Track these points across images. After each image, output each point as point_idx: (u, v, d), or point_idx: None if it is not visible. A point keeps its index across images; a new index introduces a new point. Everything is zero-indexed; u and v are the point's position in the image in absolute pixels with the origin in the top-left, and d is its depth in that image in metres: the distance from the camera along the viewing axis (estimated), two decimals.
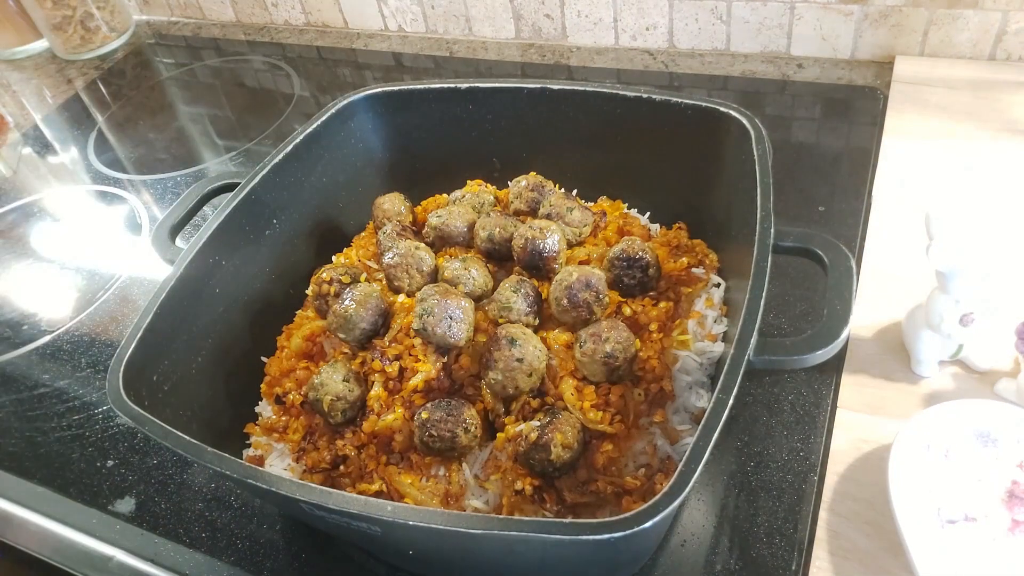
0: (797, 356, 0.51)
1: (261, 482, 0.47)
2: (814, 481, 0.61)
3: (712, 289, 0.67)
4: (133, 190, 1.14)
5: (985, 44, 0.98)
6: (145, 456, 0.74)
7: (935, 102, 0.94)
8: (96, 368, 0.85)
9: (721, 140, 0.67)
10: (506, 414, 0.60)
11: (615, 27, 1.17)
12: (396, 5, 1.32)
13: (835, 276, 0.55)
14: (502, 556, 0.52)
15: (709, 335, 0.64)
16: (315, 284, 0.71)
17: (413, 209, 0.80)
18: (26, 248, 1.08)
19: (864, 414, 0.63)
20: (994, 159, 0.84)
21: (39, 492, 0.73)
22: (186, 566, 0.64)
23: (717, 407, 0.45)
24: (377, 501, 0.45)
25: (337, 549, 0.64)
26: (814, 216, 0.85)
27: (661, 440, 0.58)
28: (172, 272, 0.64)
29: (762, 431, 0.65)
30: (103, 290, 0.96)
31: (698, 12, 1.10)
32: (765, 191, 0.58)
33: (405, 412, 0.60)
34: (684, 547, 0.59)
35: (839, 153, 0.95)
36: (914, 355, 0.65)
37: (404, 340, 0.63)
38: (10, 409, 0.82)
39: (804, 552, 0.56)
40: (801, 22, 1.06)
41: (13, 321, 0.95)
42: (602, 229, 0.74)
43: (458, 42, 1.31)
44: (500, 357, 0.58)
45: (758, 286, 0.52)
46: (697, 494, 0.62)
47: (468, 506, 0.57)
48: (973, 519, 0.53)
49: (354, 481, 0.60)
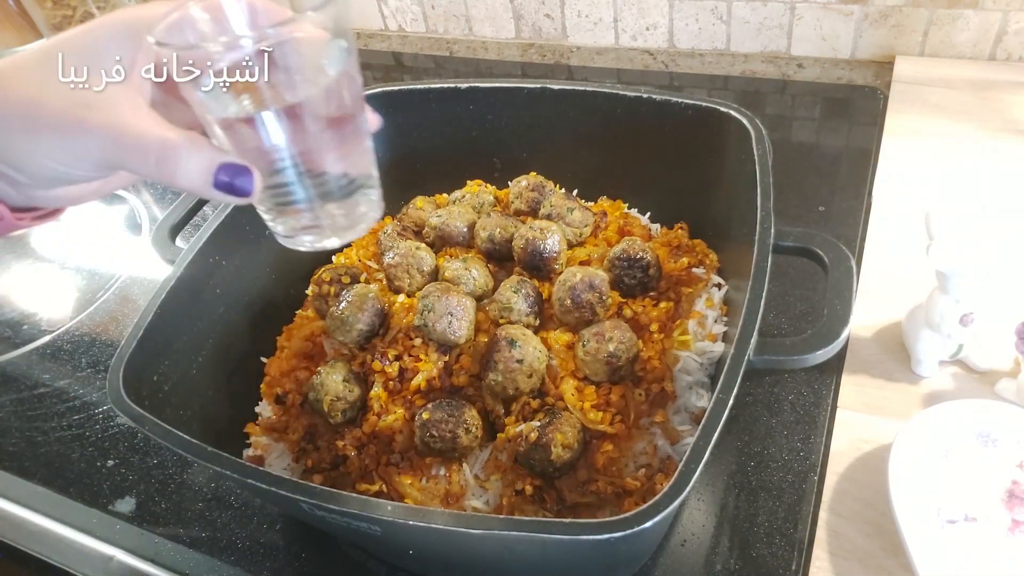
0: (797, 356, 0.51)
1: (261, 482, 0.47)
2: (814, 481, 0.61)
3: (712, 289, 0.67)
4: (133, 190, 1.14)
5: (985, 44, 0.98)
6: (145, 456, 0.74)
7: (935, 102, 0.94)
8: (96, 368, 0.85)
9: (721, 140, 0.67)
10: (506, 415, 0.60)
11: (615, 27, 1.17)
12: (396, 5, 1.32)
13: (835, 276, 0.55)
14: (502, 556, 0.52)
15: (709, 335, 0.64)
16: (315, 284, 0.71)
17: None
18: (26, 248, 1.08)
19: (864, 414, 0.63)
20: (994, 159, 0.84)
21: (39, 492, 0.73)
22: (186, 566, 0.64)
23: (717, 407, 0.45)
24: (377, 501, 0.45)
25: (337, 549, 0.64)
26: (814, 216, 0.85)
27: (661, 440, 0.58)
28: (172, 272, 0.64)
29: (762, 431, 0.65)
30: (103, 290, 0.96)
31: (698, 12, 1.10)
32: (765, 191, 0.58)
33: (405, 412, 0.60)
34: (684, 547, 0.59)
35: (839, 153, 0.95)
36: (914, 355, 0.65)
37: (404, 340, 0.63)
38: (10, 409, 0.82)
39: (804, 552, 0.57)
40: (801, 22, 1.06)
41: (13, 321, 0.95)
42: (603, 229, 0.74)
43: (458, 42, 1.31)
44: (500, 358, 0.58)
45: (758, 286, 0.52)
46: (697, 494, 0.62)
47: (468, 506, 0.57)
48: (973, 519, 0.53)
49: (354, 481, 0.60)
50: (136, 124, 0.34)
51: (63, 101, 0.34)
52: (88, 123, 0.34)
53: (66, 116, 0.34)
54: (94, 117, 0.34)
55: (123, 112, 0.34)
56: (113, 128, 0.34)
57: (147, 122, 0.35)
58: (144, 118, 0.35)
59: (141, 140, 0.34)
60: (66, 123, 0.34)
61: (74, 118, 0.34)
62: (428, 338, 0.62)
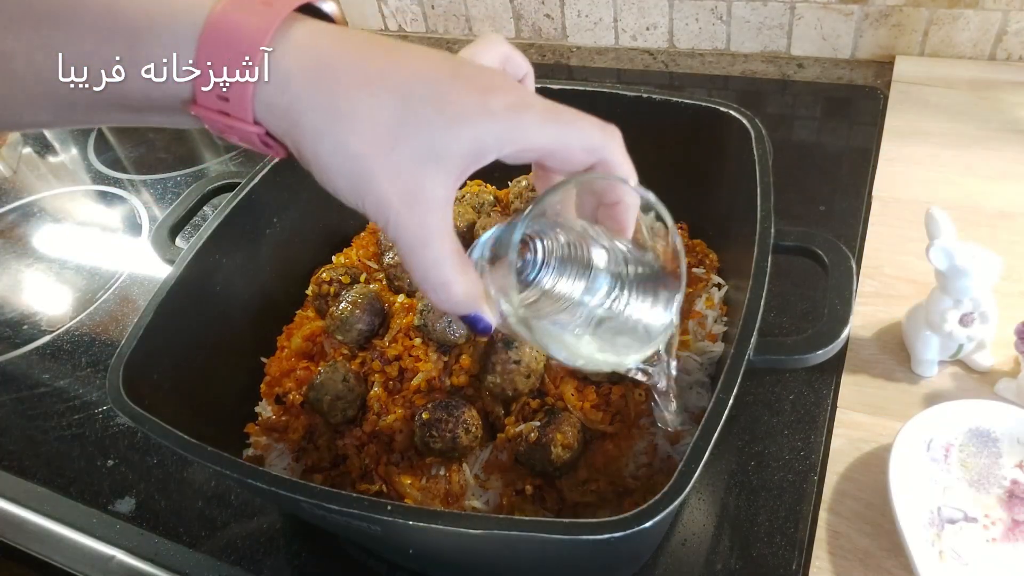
0: (797, 356, 0.51)
1: (261, 482, 0.47)
2: (814, 481, 0.61)
3: (712, 289, 0.67)
4: (133, 190, 1.14)
5: (985, 44, 0.98)
6: (145, 455, 0.74)
7: (935, 102, 0.94)
8: (96, 368, 0.85)
9: (721, 140, 0.67)
10: (506, 415, 0.60)
11: (615, 27, 1.17)
12: (396, 5, 1.32)
13: (835, 276, 0.55)
14: (502, 556, 0.52)
15: (709, 335, 0.64)
16: (315, 284, 0.71)
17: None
18: (26, 248, 1.08)
19: (864, 414, 0.63)
20: (994, 159, 0.84)
21: (39, 492, 0.73)
22: (186, 566, 0.64)
23: (717, 407, 0.45)
24: (377, 501, 0.45)
25: (337, 549, 0.64)
26: (814, 216, 0.85)
27: (661, 440, 0.58)
28: (172, 272, 0.64)
29: (762, 431, 0.65)
30: (103, 290, 0.96)
31: (698, 12, 1.10)
32: (765, 191, 0.58)
33: (405, 412, 0.60)
34: (684, 546, 0.59)
35: (839, 153, 0.95)
36: (914, 355, 0.65)
37: (404, 340, 0.63)
38: (10, 409, 0.82)
39: (804, 552, 0.56)
40: (801, 22, 1.06)
41: (13, 321, 0.95)
42: None
43: (458, 42, 1.31)
44: (497, 360, 0.58)
45: (758, 286, 0.52)
46: (697, 494, 0.62)
47: (468, 506, 0.57)
48: (973, 519, 0.53)
49: (354, 481, 0.60)
50: (440, 254, 0.34)
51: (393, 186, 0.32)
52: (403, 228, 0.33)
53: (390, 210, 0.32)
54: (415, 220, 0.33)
55: (442, 235, 0.34)
56: (423, 244, 0.33)
57: (449, 257, 0.34)
58: (448, 251, 0.34)
59: (434, 269, 0.34)
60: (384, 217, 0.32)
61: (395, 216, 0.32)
62: (428, 338, 0.62)
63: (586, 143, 0.34)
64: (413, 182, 0.31)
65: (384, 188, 0.31)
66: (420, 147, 0.31)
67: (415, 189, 0.31)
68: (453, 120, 0.31)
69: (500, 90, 0.32)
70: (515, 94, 0.32)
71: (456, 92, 0.31)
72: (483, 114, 0.31)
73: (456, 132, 0.31)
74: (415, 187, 0.31)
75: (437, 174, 0.32)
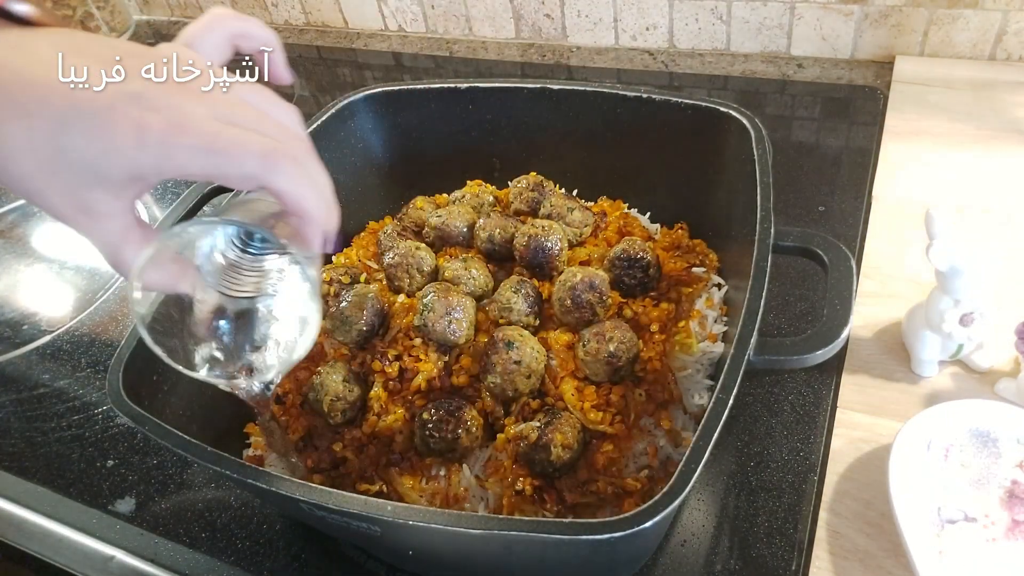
0: (797, 356, 0.51)
1: (261, 482, 0.47)
2: (814, 481, 0.61)
3: (712, 289, 0.67)
4: None
5: (985, 44, 0.98)
6: (145, 456, 0.74)
7: (935, 102, 0.94)
8: (96, 368, 0.85)
9: (721, 140, 0.67)
10: (506, 415, 0.60)
11: (615, 27, 1.17)
12: (396, 5, 1.32)
13: (835, 276, 0.55)
14: (502, 556, 0.52)
15: (709, 335, 0.64)
16: None
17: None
18: (26, 248, 1.08)
19: (864, 414, 0.63)
20: (994, 159, 0.84)
21: (39, 492, 0.73)
22: (186, 566, 0.64)
23: (717, 407, 0.45)
24: (377, 501, 0.45)
25: (337, 549, 0.64)
26: (814, 216, 0.85)
27: (662, 441, 0.58)
28: None
29: (762, 431, 0.65)
30: (103, 290, 0.96)
31: (698, 12, 1.10)
32: (765, 191, 0.58)
33: (405, 412, 0.60)
34: (684, 547, 0.59)
35: (839, 153, 0.95)
36: (914, 355, 0.65)
37: (404, 340, 0.63)
38: (10, 409, 0.82)
39: (804, 552, 0.56)
40: (801, 22, 1.06)
41: (13, 321, 0.95)
42: (603, 229, 0.74)
43: (458, 42, 1.31)
44: (497, 360, 0.58)
45: (758, 286, 0.52)
46: (697, 494, 0.62)
47: (468, 507, 0.57)
48: (973, 519, 0.53)
49: (354, 481, 0.60)
50: (123, 244, 0.37)
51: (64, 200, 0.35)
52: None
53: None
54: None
55: (125, 233, 0.37)
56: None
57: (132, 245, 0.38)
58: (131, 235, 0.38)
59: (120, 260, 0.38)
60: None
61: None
62: (428, 338, 0.62)
63: (242, 172, 0.34)
64: (84, 200, 0.35)
65: (56, 203, 0.34)
66: (81, 172, 0.34)
67: (87, 205, 0.35)
68: (107, 152, 0.33)
69: (158, 116, 0.33)
70: (173, 120, 0.33)
71: (110, 125, 0.33)
72: (135, 147, 0.33)
73: (112, 161, 0.33)
74: (87, 204, 0.35)
75: (105, 193, 0.35)
